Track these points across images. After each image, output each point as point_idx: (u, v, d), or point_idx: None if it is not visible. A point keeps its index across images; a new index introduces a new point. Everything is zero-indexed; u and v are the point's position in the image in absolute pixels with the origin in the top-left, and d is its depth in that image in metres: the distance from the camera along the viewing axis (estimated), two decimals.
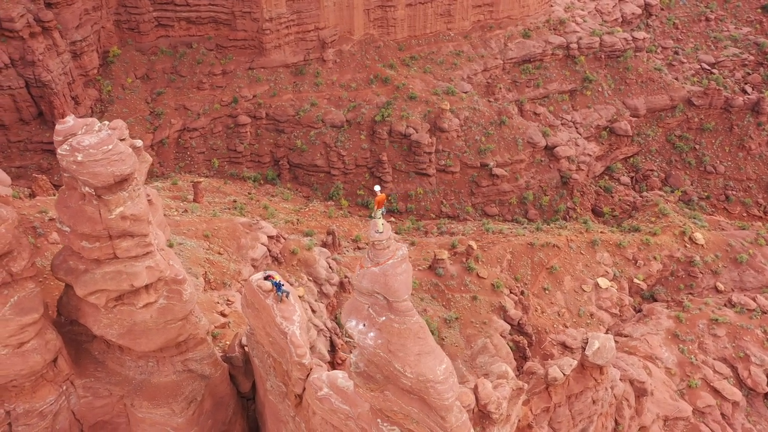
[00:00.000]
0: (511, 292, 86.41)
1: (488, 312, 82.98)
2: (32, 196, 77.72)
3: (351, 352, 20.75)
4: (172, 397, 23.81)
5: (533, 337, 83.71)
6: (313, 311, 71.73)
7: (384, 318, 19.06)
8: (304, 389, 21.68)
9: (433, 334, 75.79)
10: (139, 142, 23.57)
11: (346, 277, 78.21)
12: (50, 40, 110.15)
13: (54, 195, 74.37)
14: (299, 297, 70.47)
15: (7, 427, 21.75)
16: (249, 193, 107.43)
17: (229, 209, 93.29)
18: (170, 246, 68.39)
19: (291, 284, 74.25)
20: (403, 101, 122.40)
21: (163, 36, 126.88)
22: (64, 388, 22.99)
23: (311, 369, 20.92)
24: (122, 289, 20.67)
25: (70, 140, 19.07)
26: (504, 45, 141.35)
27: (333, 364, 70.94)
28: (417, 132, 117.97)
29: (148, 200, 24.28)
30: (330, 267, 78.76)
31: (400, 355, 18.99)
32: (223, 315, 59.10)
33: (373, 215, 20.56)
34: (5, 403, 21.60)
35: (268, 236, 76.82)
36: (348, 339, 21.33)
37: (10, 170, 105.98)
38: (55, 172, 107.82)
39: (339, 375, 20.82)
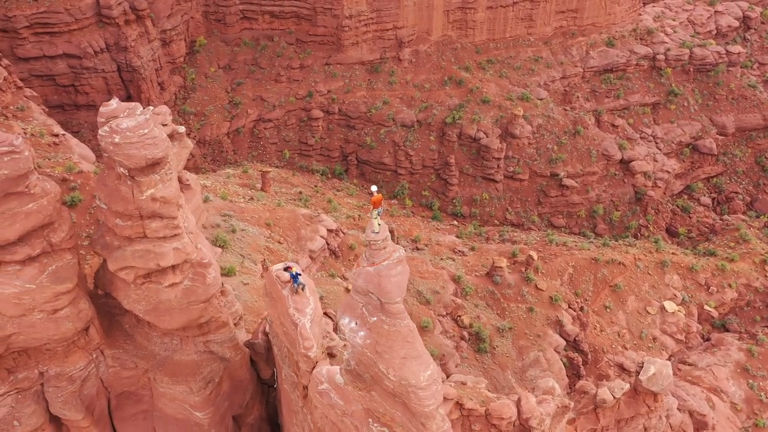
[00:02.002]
0: (569, 307, 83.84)
1: (544, 325, 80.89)
2: None
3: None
4: (191, 376, 24.80)
5: (589, 356, 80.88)
6: None
7: (375, 318, 19.01)
8: (310, 381, 21.96)
9: (484, 342, 75.00)
10: (181, 129, 24.57)
11: None
12: (143, 27, 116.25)
13: None
14: (350, 291, 71.34)
15: (40, 387, 23.35)
16: (315, 186, 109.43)
17: (294, 200, 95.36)
18: (233, 232, 70.84)
19: (346, 279, 75.19)
20: (476, 104, 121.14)
21: (247, 28, 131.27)
22: (94, 356, 24.42)
23: (317, 362, 21.14)
24: (149, 267, 21.67)
25: (111, 122, 20.16)
26: (585, 53, 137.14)
27: None
28: (487, 136, 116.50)
29: (187, 185, 25.35)
30: None
31: (385, 356, 18.89)
32: None
33: (370, 215, 20.45)
34: (39, 364, 23.28)
35: (327, 229, 77.96)
36: (342, 336, 21.36)
37: (98, 148, 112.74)
38: None
39: (338, 371, 20.94)
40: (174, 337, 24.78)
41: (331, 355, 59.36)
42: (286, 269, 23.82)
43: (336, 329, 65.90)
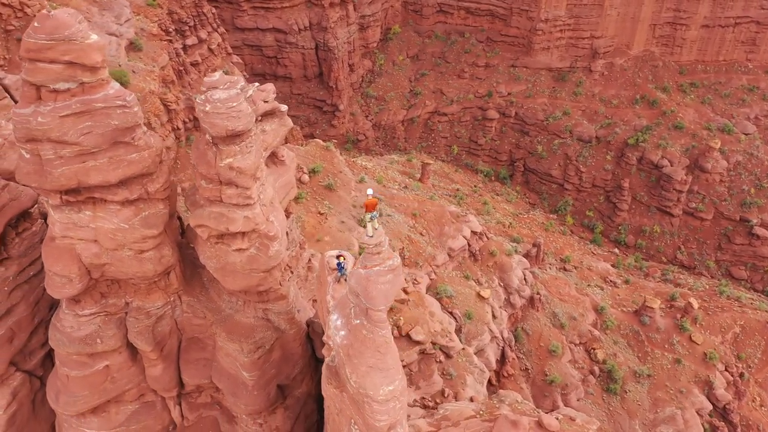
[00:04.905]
0: (726, 369, 74.50)
1: (689, 382, 72.86)
2: (286, 142, 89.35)
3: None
4: (245, 337, 26.69)
5: (738, 430, 71.29)
6: (494, 317, 70.57)
7: (358, 321, 18.49)
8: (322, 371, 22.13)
9: (615, 382, 69.69)
10: (284, 107, 25.88)
11: (538, 293, 75.25)
12: (344, 11, 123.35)
13: (301, 145, 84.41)
14: (484, 298, 70.07)
15: (123, 315, 26.70)
16: (475, 186, 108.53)
17: (449, 196, 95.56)
18: (379, 215, 73.25)
19: (480, 284, 74.05)
20: (666, 129, 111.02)
21: (440, 22, 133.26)
22: (172, 299, 27.33)
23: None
24: (220, 229, 23.51)
25: (208, 92, 22.03)
26: None
27: (498, 375, 69.39)
28: (672, 165, 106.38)
29: (281, 160, 26.79)
30: (525, 278, 76.40)
31: (354, 361, 18.31)
32: (406, 292, 61.46)
33: (364, 218, 19.73)
34: (126, 295, 26.86)
35: (471, 231, 77.10)
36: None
37: None
38: (319, 127, 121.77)
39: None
40: (239, 298, 26.79)
41: (447, 356, 59.00)
42: (338, 257, 24.23)
43: (458, 331, 65.42)
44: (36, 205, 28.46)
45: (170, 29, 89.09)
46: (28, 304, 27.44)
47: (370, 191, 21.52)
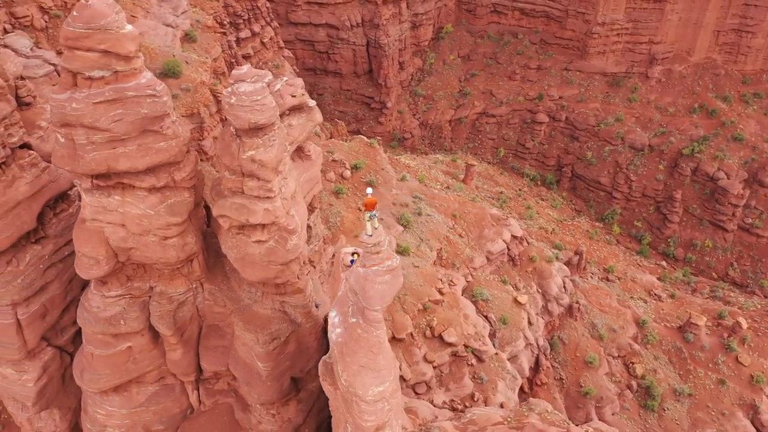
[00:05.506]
0: None
1: (733, 404, 69.85)
2: (331, 137, 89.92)
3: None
4: (260, 328, 27.07)
5: None
6: (530, 323, 69.42)
7: (354, 320, 18.22)
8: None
9: (653, 399, 67.54)
10: (312, 102, 25.93)
11: (577, 302, 73.56)
12: (397, 8, 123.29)
13: (345, 141, 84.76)
14: (520, 303, 68.99)
15: (147, 299, 27.46)
16: (520, 190, 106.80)
17: (492, 198, 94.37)
18: (418, 215, 72.79)
19: (517, 289, 72.90)
20: (724, 140, 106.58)
21: (494, 22, 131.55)
22: (194, 286, 28.01)
23: None
24: (241, 220, 23.86)
25: (235, 85, 22.32)
26: None
27: (531, 383, 68.31)
28: (728, 178, 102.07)
29: (307, 155, 26.91)
30: (564, 287, 74.80)
31: (346, 359, 18.06)
32: (441, 293, 61.17)
33: (364, 217, 19.44)
34: (151, 280, 27.71)
35: (512, 235, 75.95)
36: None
37: (334, 112, 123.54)
38: (366, 123, 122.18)
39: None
40: (258, 289, 27.22)
41: (480, 360, 58.25)
42: (353, 254, 24.09)
43: (492, 335, 64.53)
44: (74, 188, 29.54)
45: (225, 22, 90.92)
46: (61, 282, 28.60)
47: (369, 191, 21.52)
